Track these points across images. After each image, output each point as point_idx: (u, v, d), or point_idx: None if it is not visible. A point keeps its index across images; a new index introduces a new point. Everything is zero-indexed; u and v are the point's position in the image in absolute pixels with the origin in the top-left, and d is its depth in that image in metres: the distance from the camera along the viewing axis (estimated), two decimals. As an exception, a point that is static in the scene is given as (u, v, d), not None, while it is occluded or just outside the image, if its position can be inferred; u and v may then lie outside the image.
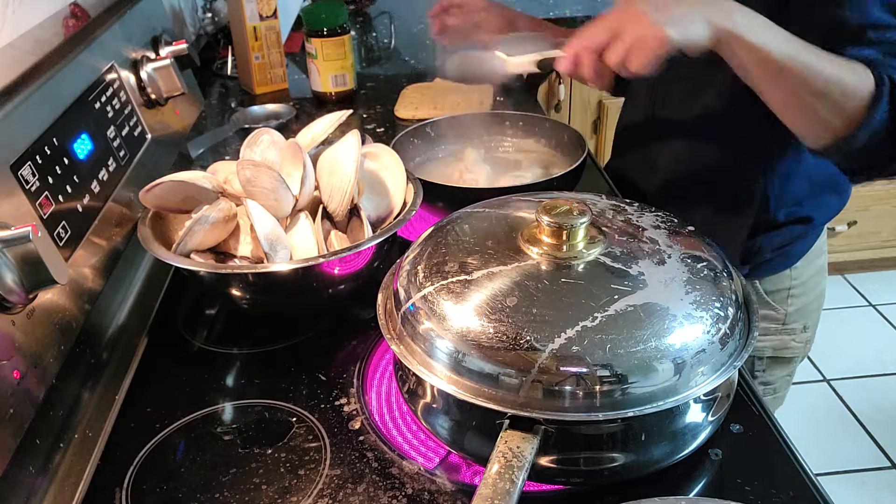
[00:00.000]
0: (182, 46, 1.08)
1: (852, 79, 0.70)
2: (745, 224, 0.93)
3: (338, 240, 0.80)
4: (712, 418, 0.61)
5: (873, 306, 2.41)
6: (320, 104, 1.42)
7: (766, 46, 0.68)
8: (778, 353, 1.04)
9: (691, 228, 0.66)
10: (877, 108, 0.70)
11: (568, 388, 0.53)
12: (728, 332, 0.57)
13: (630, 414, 0.53)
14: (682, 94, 0.95)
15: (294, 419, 0.68)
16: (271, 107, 1.37)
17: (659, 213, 0.68)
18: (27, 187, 0.65)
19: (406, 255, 0.67)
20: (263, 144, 0.84)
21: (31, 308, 0.61)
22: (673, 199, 0.99)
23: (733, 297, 0.59)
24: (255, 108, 1.36)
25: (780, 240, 0.96)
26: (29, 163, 0.67)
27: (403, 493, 0.60)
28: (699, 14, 0.68)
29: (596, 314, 0.55)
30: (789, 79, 0.70)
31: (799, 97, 0.72)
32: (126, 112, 0.92)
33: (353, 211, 0.82)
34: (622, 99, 1.13)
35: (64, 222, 0.70)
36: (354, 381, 0.73)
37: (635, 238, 0.63)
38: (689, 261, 0.61)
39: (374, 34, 1.85)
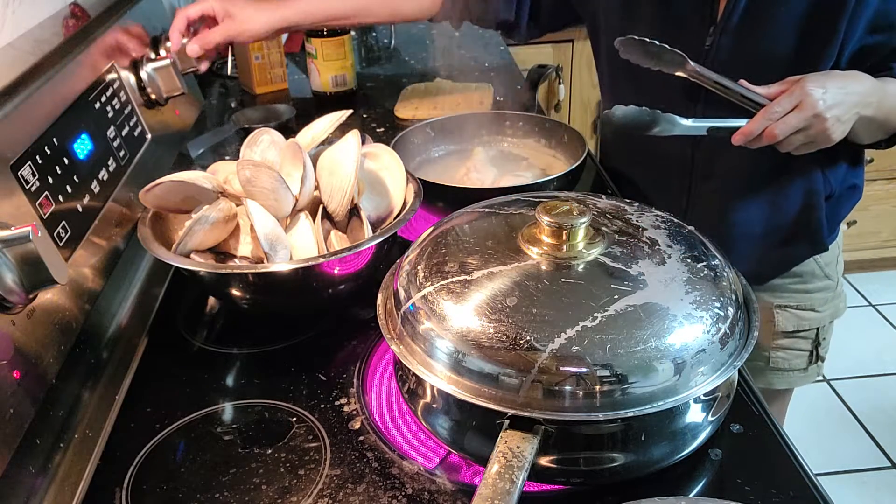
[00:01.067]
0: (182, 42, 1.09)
1: None
2: (818, 203, 0.99)
3: (338, 240, 0.80)
4: (712, 418, 0.61)
5: (873, 306, 2.41)
6: (320, 104, 1.42)
7: (887, 116, 0.85)
8: (833, 317, 1.11)
9: (691, 228, 0.66)
10: None
11: (568, 388, 0.53)
12: (728, 332, 0.57)
13: (630, 414, 0.53)
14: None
15: (294, 419, 0.68)
16: (271, 107, 1.37)
17: (659, 213, 0.68)
18: (27, 187, 0.65)
19: (406, 255, 0.67)
20: (263, 144, 0.84)
21: (31, 308, 0.61)
22: (733, 198, 1.00)
23: (733, 297, 0.59)
24: (255, 108, 1.36)
25: (841, 210, 1.03)
26: (29, 163, 0.67)
27: (403, 493, 0.60)
28: (855, 112, 0.82)
29: (596, 314, 0.55)
30: (875, 128, 0.87)
31: (881, 133, 0.90)
32: (126, 112, 0.92)
33: (353, 211, 0.82)
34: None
35: (64, 222, 0.70)
36: (354, 381, 0.73)
37: (635, 238, 0.63)
38: (689, 261, 0.61)
39: (374, 34, 1.85)
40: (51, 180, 0.69)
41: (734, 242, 1.00)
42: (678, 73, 0.87)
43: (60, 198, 0.71)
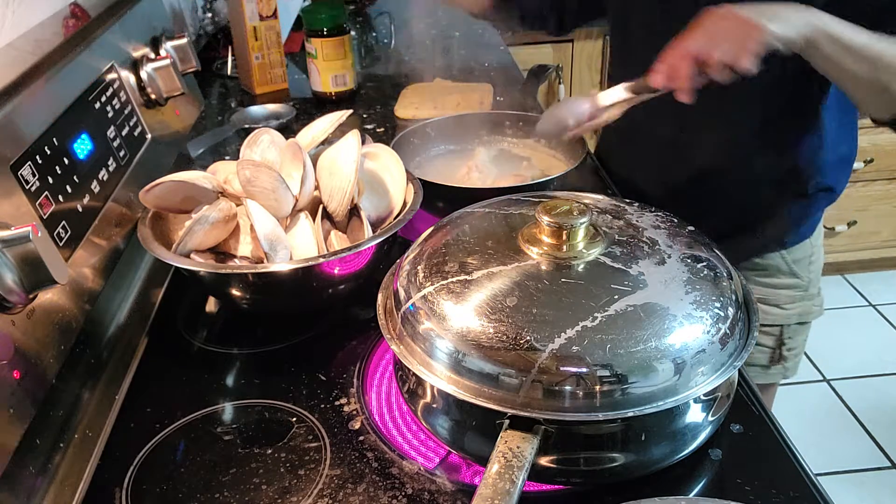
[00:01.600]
0: (183, 42, 1.09)
1: None
2: (784, 199, 0.99)
3: (338, 240, 0.80)
4: (712, 418, 0.61)
5: (873, 306, 2.41)
6: (320, 104, 1.42)
7: (850, 41, 0.77)
8: (802, 319, 1.10)
9: (691, 228, 0.66)
10: None
11: (568, 388, 0.53)
12: (728, 332, 0.57)
13: (630, 414, 0.53)
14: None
15: (294, 419, 0.68)
16: (271, 107, 1.36)
17: (659, 213, 0.68)
18: (27, 187, 0.65)
19: (406, 255, 0.67)
20: (263, 144, 0.84)
21: (31, 308, 0.61)
22: (706, 188, 1.02)
23: (733, 297, 0.59)
24: (255, 108, 1.36)
25: (811, 210, 1.02)
26: (29, 163, 0.67)
27: (403, 493, 0.60)
28: (798, 16, 0.75)
29: (596, 314, 0.55)
30: (866, 66, 0.79)
31: (873, 81, 0.80)
32: (126, 112, 0.92)
33: (353, 211, 0.82)
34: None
35: (64, 222, 0.70)
36: (354, 381, 0.73)
37: (635, 238, 0.63)
38: (689, 261, 0.61)
39: (374, 34, 1.85)
40: (51, 180, 0.69)
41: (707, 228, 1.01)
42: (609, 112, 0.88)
43: (60, 198, 0.71)
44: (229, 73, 1.59)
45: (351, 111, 0.91)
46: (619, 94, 0.83)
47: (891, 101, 0.83)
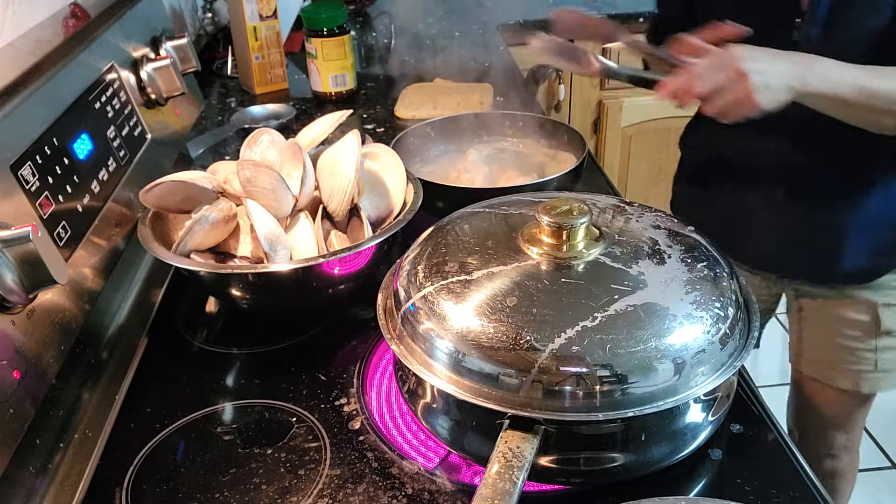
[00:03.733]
0: (183, 41, 1.09)
1: None
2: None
3: (338, 240, 0.80)
4: (712, 418, 0.61)
5: (873, 306, 2.41)
6: (320, 104, 1.42)
7: (836, 90, 0.80)
8: None
9: (691, 228, 0.66)
10: None
11: (568, 388, 0.53)
12: (728, 332, 0.57)
13: (630, 414, 0.53)
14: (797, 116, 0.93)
15: (294, 419, 0.68)
16: (271, 107, 1.37)
17: (659, 213, 0.68)
18: (27, 187, 0.65)
19: (406, 255, 0.67)
20: (263, 144, 0.84)
21: (31, 308, 0.61)
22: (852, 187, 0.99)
23: (733, 297, 0.59)
24: (255, 108, 1.36)
25: None
26: (29, 163, 0.67)
27: (403, 493, 0.60)
28: (785, 78, 0.78)
29: (596, 314, 0.55)
30: (860, 108, 0.82)
31: (876, 113, 0.83)
32: (126, 112, 0.92)
33: (353, 211, 0.82)
34: (622, 99, 1.12)
35: (64, 222, 0.70)
36: (354, 381, 0.73)
37: (635, 238, 0.63)
38: (689, 261, 0.61)
39: (374, 34, 1.85)
40: (51, 180, 0.69)
41: (849, 235, 0.97)
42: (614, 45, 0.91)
43: (60, 198, 0.71)
44: (229, 73, 1.59)
45: (351, 111, 0.91)
46: (619, 75, 0.89)
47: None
